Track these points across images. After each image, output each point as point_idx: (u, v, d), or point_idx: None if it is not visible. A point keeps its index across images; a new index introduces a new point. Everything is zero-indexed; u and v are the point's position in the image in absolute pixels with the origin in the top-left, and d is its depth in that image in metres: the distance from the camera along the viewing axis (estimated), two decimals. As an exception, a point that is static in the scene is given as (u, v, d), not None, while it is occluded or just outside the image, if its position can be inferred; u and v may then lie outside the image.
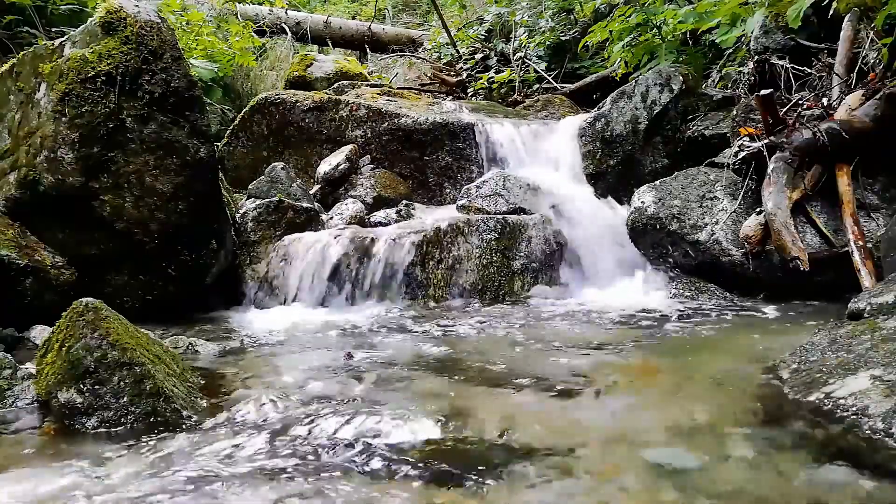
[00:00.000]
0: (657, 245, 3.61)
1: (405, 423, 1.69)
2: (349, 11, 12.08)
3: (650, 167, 4.47)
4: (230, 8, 8.04)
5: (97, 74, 2.94)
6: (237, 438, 1.66)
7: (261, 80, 7.22)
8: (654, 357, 2.39)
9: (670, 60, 4.83)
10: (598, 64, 6.49)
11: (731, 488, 1.32)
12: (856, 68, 3.61)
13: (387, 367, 2.27)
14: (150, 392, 1.81)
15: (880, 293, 2.25)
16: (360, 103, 4.98)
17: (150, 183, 3.08)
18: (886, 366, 1.70)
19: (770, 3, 3.57)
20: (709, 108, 4.45)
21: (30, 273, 2.85)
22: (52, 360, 1.86)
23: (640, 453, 1.50)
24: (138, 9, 3.06)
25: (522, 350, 2.53)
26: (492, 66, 7.04)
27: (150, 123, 3.05)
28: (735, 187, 3.55)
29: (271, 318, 3.27)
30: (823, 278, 3.06)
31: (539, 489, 1.36)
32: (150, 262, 3.17)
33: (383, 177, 4.70)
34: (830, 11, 3.49)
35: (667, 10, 4.83)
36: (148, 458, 1.56)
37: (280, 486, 1.39)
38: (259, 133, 5.09)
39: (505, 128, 4.75)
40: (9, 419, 1.85)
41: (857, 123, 3.23)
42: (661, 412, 1.78)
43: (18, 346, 2.64)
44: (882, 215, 3.19)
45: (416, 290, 3.51)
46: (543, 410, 1.84)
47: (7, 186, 3.06)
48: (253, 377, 2.21)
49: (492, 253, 3.67)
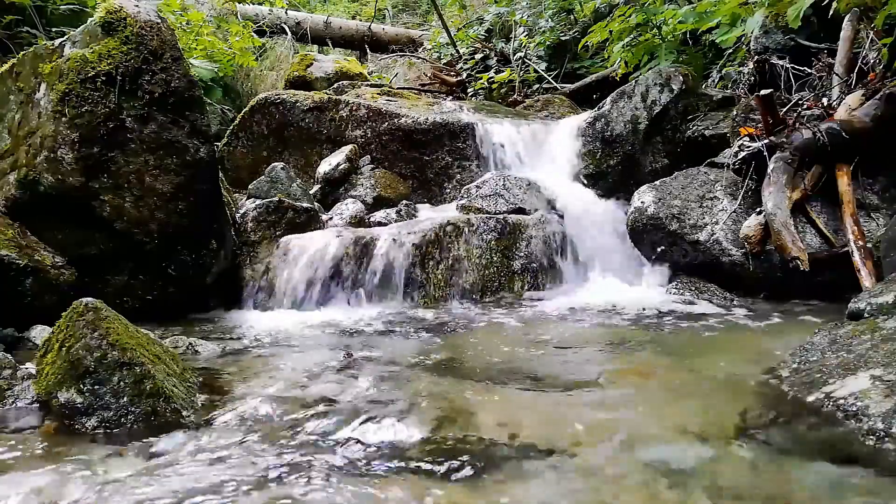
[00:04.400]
0: (657, 245, 3.61)
1: (405, 422, 1.69)
2: (349, 11, 12.08)
3: (650, 167, 4.46)
4: (230, 8, 8.04)
5: (97, 74, 2.94)
6: (237, 438, 1.66)
7: (261, 80, 7.23)
8: (654, 356, 2.39)
9: (670, 60, 4.83)
10: (598, 64, 6.49)
11: (731, 488, 1.32)
12: (856, 68, 3.62)
13: (386, 367, 2.27)
14: (150, 392, 1.81)
15: (880, 293, 2.25)
16: (360, 103, 4.98)
17: (150, 183, 3.08)
18: (886, 366, 1.70)
19: (770, 3, 3.57)
20: (709, 108, 4.45)
21: (30, 273, 2.84)
22: (52, 360, 1.86)
23: (639, 452, 1.50)
24: (138, 9, 3.06)
25: (522, 349, 2.53)
26: (492, 66, 7.04)
27: (150, 123, 3.05)
28: (735, 187, 3.55)
29: (271, 318, 3.27)
30: (823, 278, 3.06)
31: (539, 487, 1.36)
32: (150, 262, 3.17)
33: (383, 177, 4.70)
34: (830, 11, 3.48)
35: (667, 10, 4.83)
36: (148, 458, 1.56)
37: (281, 486, 1.39)
38: (259, 133, 5.09)
39: (505, 128, 4.75)
40: (9, 419, 1.85)
41: (857, 123, 3.23)
42: (661, 411, 1.78)
43: (18, 346, 2.64)
44: (882, 215, 3.19)
45: (416, 290, 3.51)
46: (543, 409, 1.84)
47: (7, 186, 3.06)
48: (253, 377, 2.21)
49: (492, 253, 3.67)
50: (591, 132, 4.54)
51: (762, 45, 4.34)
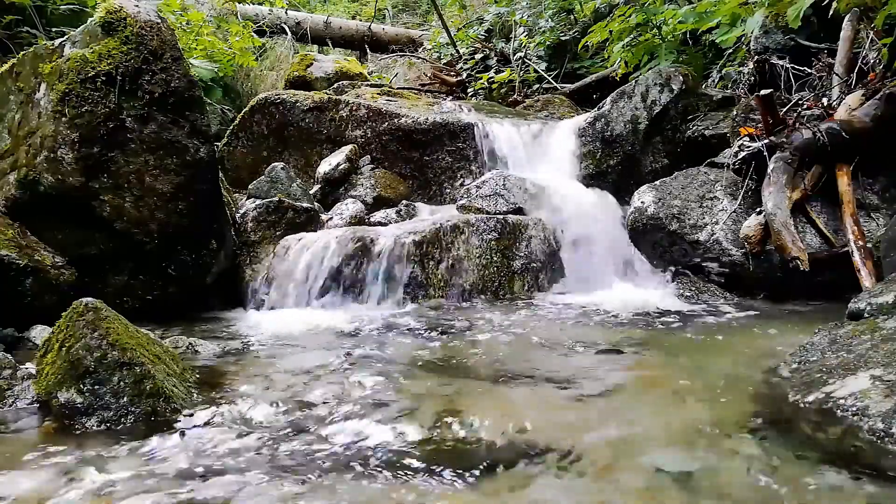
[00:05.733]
0: (657, 245, 3.61)
1: (405, 423, 1.69)
2: (349, 11, 12.08)
3: (650, 167, 4.46)
4: (230, 8, 8.04)
5: (97, 74, 2.94)
6: (237, 438, 1.66)
7: (261, 80, 7.23)
8: (654, 357, 2.39)
9: (670, 60, 4.83)
10: (598, 64, 6.49)
11: (731, 488, 1.32)
12: (856, 68, 3.62)
13: (386, 367, 2.27)
14: (150, 392, 1.81)
15: (880, 293, 2.25)
16: (360, 103, 4.98)
17: (150, 183, 3.08)
18: (886, 366, 1.69)
19: (770, 3, 3.57)
20: (709, 108, 4.45)
21: (30, 273, 2.84)
22: (52, 360, 1.86)
23: (640, 452, 1.50)
24: (138, 9, 3.06)
25: (522, 350, 2.52)
26: (492, 66, 7.05)
27: (150, 123, 3.05)
28: (735, 187, 3.55)
29: (271, 317, 3.27)
30: (823, 278, 3.06)
31: (540, 488, 1.36)
32: (150, 262, 3.17)
33: (383, 177, 4.70)
34: (830, 11, 3.48)
35: (667, 10, 4.83)
36: (148, 458, 1.56)
37: (281, 486, 1.39)
38: (259, 133, 5.09)
39: (505, 128, 4.75)
40: (9, 419, 1.85)
41: (857, 123, 3.23)
42: (661, 411, 1.78)
43: (18, 346, 2.64)
44: (882, 215, 3.20)
45: (416, 290, 3.51)
46: (544, 410, 1.84)
47: (7, 186, 3.06)
48: (253, 377, 2.21)
49: (492, 253, 3.67)
50: (591, 132, 4.54)
51: (762, 45, 4.35)
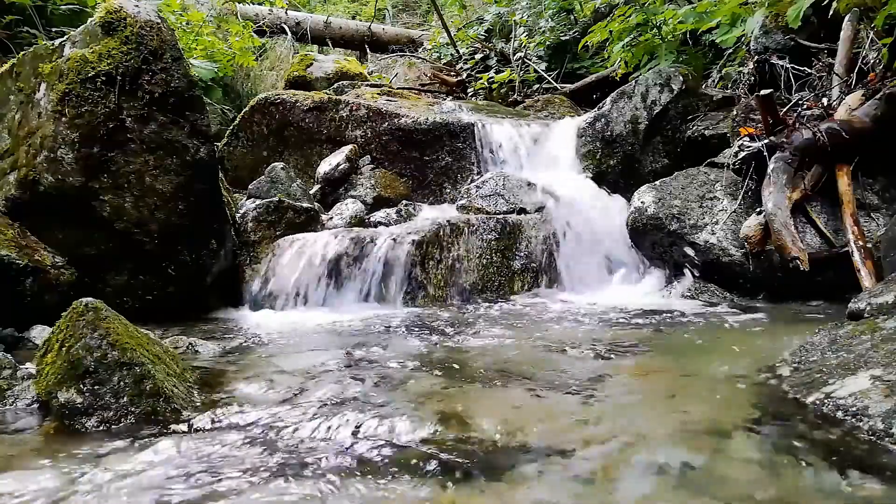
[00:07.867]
0: (657, 245, 3.62)
1: (405, 423, 1.69)
2: (349, 11, 12.09)
3: (650, 167, 4.47)
4: (230, 8, 8.04)
5: (97, 74, 2.94)
6: (237, 438, 1.66)
7: (261, 80, 7.22)
8: (653, 357, 2.39)
9: (670, 60, 4.83)
10: (598, 64, 6.49)
11: (731, 489, 1.32)
12: (856, 68, 3.62)
13: (387, 367, 2.27)
14: (150, 392, 1.81)
15: (880, 293, 2.25)
16: (360, 103, 4.99)
17: (150, 183, 3.08)
18: (886, 366, 1.69)
19: (770, 3, 3.57)
20: (709, 108, 4.46)
21: (30, 273, 2.84)
22: (52, 360, 1.85)
23: (640, 452, 1.49)
24: (138, 9, 3.06)
25: (522, 350, 2.52)
26: (492, 66, 7.05)
27: (150, 123, 3.05)
28: (735, 187, 3.55)
29: (271, 317, 3.27)
30: (823, 278, 3.06)
31: (539, 488, 1.36)
32: (150, 262, 3.17)
33: (383, 177, 4.70)
34: (830, 11, 3.48)
35: (667, 10, 4.83)
36: (148, 458, 1.56)
37: (281, 486, 1.39)
38: (259, 133, 5.09)
39: (505, 128, 4.75)
40: (9, 419, 1.85)
41: (857, 123, 3.23)
42: (661, 412, 1.78)
43: (18, 346, 2.64)
44: (882, 215, 3.20)
45: (416, 290, 3.51)
46: (543, 410, 1.84)
47: (7, 186, 3.06)
48: (253, 377, 2.21)
49: (492, 253, 3.67)
50: (591, 132, 4.54)
51: (762, 45, 4.34)
